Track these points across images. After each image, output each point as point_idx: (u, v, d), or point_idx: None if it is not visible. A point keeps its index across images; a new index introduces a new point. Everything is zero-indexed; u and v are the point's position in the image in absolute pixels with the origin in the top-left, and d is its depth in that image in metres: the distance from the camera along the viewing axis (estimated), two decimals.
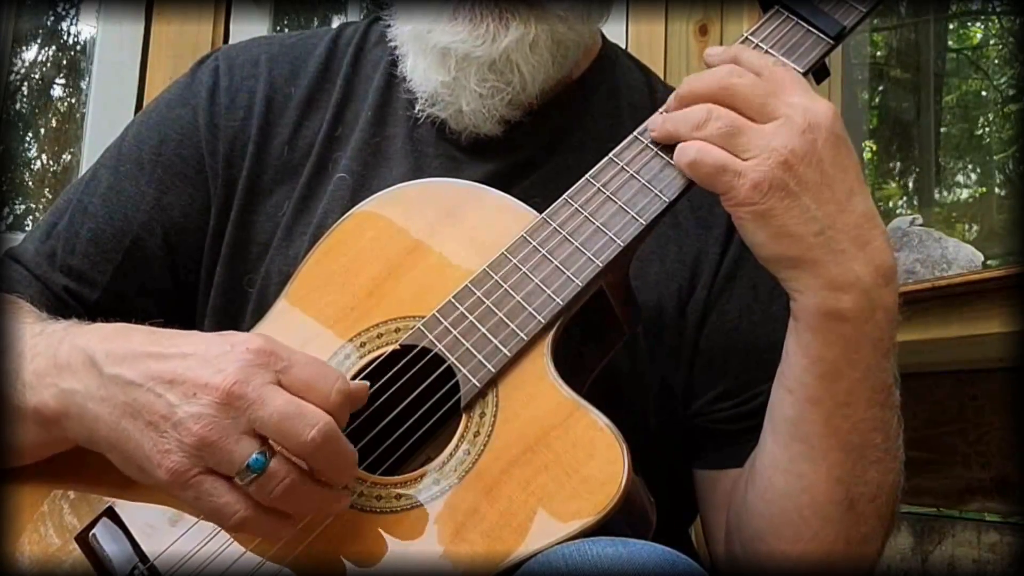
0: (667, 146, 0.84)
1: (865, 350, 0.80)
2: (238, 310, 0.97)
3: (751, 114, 0.79)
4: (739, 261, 0.97)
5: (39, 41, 2.23)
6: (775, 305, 0.95)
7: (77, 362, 0.77)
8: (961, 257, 1.58)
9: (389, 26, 1.02)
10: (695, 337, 0.96)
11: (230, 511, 0.70)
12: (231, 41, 1.87)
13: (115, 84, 1.87)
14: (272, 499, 0.70)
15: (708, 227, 0.98)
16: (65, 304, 0.97)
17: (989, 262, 1.67)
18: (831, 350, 0.80)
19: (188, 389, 0.71)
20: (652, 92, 1.05)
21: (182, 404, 0.70)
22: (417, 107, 0.98)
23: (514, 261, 0.82)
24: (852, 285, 0.78)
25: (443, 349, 0.80)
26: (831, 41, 0.86)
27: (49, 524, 0.79)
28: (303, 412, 0.70)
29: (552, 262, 0.82)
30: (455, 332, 0.80)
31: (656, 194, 0.82)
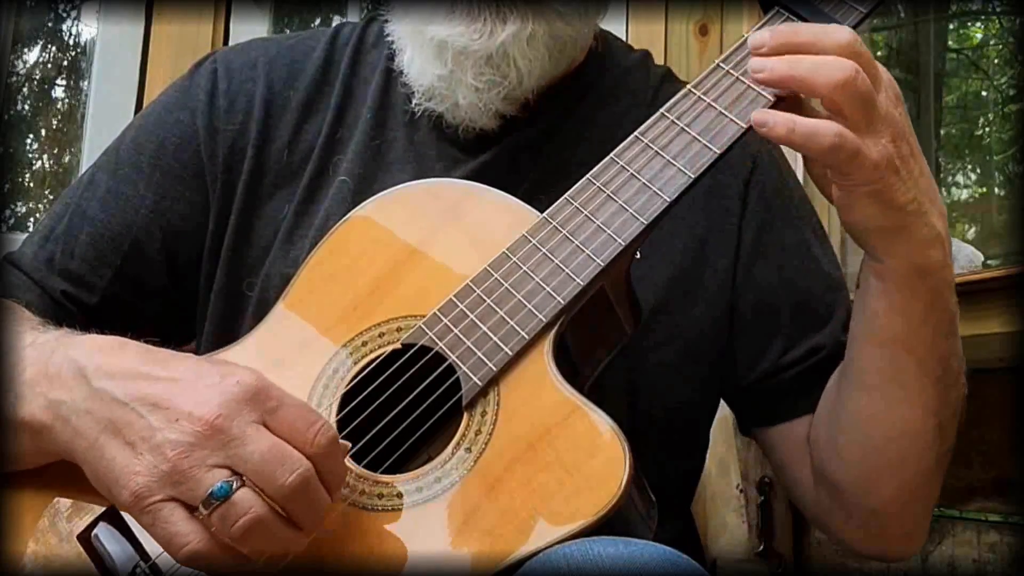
0: (667, 145, 0.84)
1: (945, 293, 0.85)
2: (238, 314, 0.97)
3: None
4: (763, 227, 0.99)
5: (40, 42, 2.23)
6: (806, 258, 1.00)
7: (67, 373, 0.76)
8: (961, 257, 1.58)
9: (387, 21, 1.02)
10: (728, 311, 0.98)
11: (181, 541, 0.67)
12: (231, 41, 1.87)
13: (115, 84, 1.87)
14: (233, 533, 0.67)
15: (714, 198, 0.99)
16: (64, 308, 0.96)
17: (989, 262, 1.67)
18: (920, 301, 0.84)
19: (171, 415, 0.69)
20: (647, 70, 1.06)
21: (162, 429, 0.69)
22: (414, 101, 0.98)
23: (515, 260, 0.82)
24: (936, 239, 0.82)
25: (444, 347, 0.80)
26: None
27: (50, 524, 0.79)
28: (284, 455, 0.68)
29: (553, 261, 0.82)
30: (456, 330, 0.81)
31: (657, 193, 0.82)
